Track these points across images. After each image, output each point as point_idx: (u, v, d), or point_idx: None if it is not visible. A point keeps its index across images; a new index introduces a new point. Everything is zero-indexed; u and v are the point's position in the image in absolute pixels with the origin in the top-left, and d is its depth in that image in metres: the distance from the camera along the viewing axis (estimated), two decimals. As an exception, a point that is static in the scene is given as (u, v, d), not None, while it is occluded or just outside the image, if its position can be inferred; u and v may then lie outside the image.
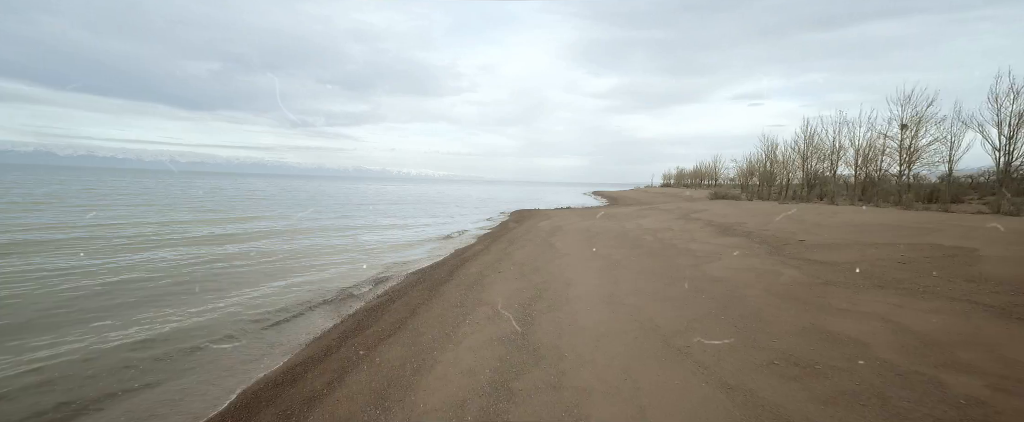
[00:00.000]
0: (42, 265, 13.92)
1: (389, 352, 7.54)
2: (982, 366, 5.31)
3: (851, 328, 6.93)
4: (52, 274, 12.92)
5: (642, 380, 5.87)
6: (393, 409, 5.50)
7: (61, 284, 11.98)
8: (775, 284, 10.00)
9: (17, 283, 11.88)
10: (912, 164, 26.10)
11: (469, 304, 10.25)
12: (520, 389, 5.80)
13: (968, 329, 6.41)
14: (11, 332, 8.52)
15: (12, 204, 32.06)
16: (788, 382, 5.51)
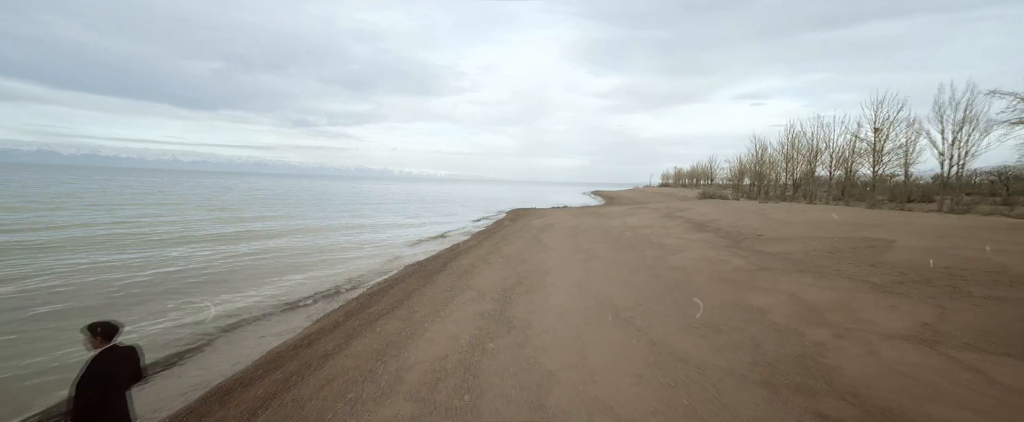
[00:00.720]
0: (103, 260, 15.51)
1: (387, 325, 9.24)
2: (838, 322, 6.99)
3: (762, 301, 8.60)
4: (108, 267, 14.59)
5: (589, 340, 7.54)
6: (389, 361, 7.18)
7: (117, 274, 13.70)
8: (721, 271, 11.66)
9: (84, 274, 13.53)
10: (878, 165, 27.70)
11: (458, 289, 11.93)
12: (492, 348, 7.48)
13: (846, 299, 8.08)
14: (110, 311, 10.22)
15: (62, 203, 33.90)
16: (698, 338, 7.18)
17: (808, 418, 4.68)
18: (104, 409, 3.80)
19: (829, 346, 6.30)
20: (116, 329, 3.97)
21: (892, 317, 7.19)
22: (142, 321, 9.88)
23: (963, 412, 4.48)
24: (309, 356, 7.70)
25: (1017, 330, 6.31)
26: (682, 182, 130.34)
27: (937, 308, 7.37)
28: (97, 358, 3.83)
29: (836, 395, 5.07)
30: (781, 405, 4.96)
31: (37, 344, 8.56)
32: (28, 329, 9.25)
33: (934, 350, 5.93)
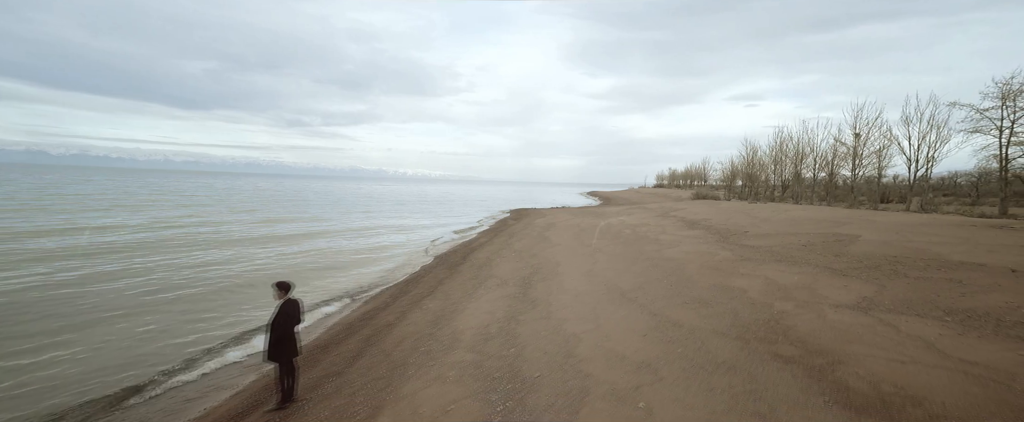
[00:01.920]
0: (186, 260, 16.69)
1: (430, 304, 11.02)
2: (800, 298, 8.86)
3: (742, 283, 10.47)
4: (196, 265, 15.89)
5: (601, 313, 9.36)
6: (443, 327, 8.97)
7: (211, 271, 15.12)
8: (710, 261, 13.53)
9: (181, 271, 14.90)
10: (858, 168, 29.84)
11: (482, 277, 13.73)
12: (523, 319, 9.28)
13: (809, 281, 9.96)
14: (222, 301, 11.72)
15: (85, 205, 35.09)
16: (689, 310, 9.02)
17: (767, 357, 6.53)
18: (285, 340, 5.65)
19: (790, 313, 8.17)
20: (290, 286, 5.82)
21: (842, 293, 9.06)
22: (250, 309, 11.44)
23: (872, 349, 6.34)
24: (376, 325, 9.47)
25: (929, 299, 8.18)
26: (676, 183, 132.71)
27: (877, 286, 9.25)
28: (281, 306, 5.67)
29: (788, 343, 6.92)
30: (749, 350, 6.80)
31: (197, 325, 10.23)
32: (190, 312, 10.87)
33: (866, 314, 7.80)
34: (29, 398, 6.64)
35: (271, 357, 5.75)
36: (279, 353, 5.71)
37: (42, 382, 7.10)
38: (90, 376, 7.34)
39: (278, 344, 5.67)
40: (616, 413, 5.35)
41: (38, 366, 7.58)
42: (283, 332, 5.68)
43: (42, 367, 7.57)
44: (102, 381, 7.21)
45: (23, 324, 9.40)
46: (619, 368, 6.60)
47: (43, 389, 6.88)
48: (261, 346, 9.15)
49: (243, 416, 5.99)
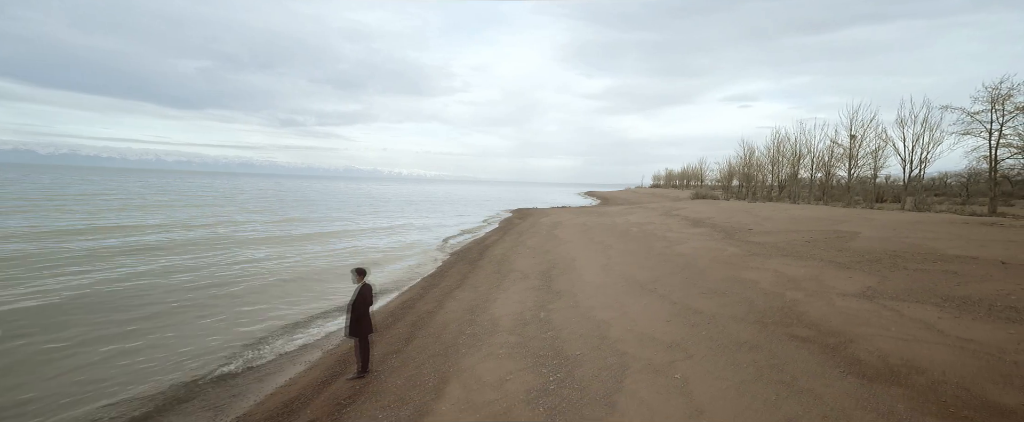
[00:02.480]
0: (226, 259, 16.92)
1: (462, 294, 11.69)
2: (809, 288, 9.62)
3: (753, 275, 11.22)
4: (238, 263, 16.20)
5: (625, 301, 10.07)
6: (480, 315, 9.65)
7: (257, 268, 15.55)
8: (719, 256, 14.29)
9: (230, 268, 15.28)
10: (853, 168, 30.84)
11: (503, 271, 14.41)
12: (552, 307, 9.98)
13: (816, 273, 10.73)
14: (267, 298, 12.16)
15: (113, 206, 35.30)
16: (707, 299, 9.75)
17: (785, 338, 7.26)
18: (362, 319, 6.33)
19: (801, 301, 8.91)
20: (366, 272, 6.51)
21: (847, 283, 9.83)
22: (299, 302, 12.11)
23: (879, 330, 7.09)
24: (417, 312, 10.13)
25: (927, 288, 8.95)
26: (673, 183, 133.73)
27: (879, 277, 10.02)
28: (359, 289, 6.35)
29: (802, 326, 7.67)
30: (768, 332, 7.54)
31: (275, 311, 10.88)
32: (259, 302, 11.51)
33: (871, 301, 8.56)
34: (135, 378, 7.28)
35: (351, 333, 6.46)
36: (358, 330, 6.42)
37: (142, 365, 7.73)
38: (182, 357, 8.04)
39: (357, 322, 6.39)
40: (656, 382, 6.06)
41: (127, 353, 8.21)
42: (361, 312, 6.39)
43: (131, 354, 8.19)
44: (195, 360, 7.89)
45: (104, 316, 10.00)
46: (651, 347, 7.31)
47: (145, 370, 7.51)
48: (320, 330, 9.91)
49: (327, 384, 6.68)
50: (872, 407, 5.11)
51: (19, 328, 9.19)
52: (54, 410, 6.30)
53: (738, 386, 5.83)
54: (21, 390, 6.81)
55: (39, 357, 7.93)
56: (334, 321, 10.45)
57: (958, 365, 5.81)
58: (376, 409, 5.67)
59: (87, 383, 7.06)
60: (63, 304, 10.82)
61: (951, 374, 5.61)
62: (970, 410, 4.89)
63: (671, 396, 5.68)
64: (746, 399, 5.50)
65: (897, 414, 4.95)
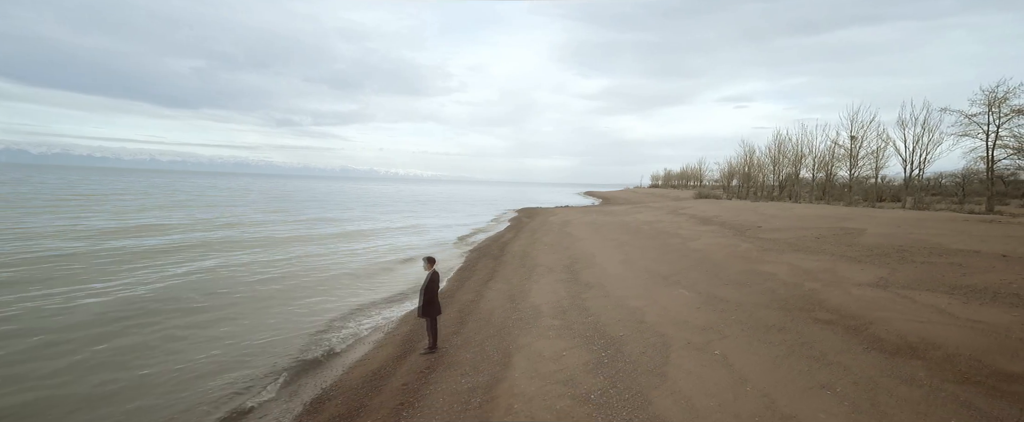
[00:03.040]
0: (267, 258, 17.21)
1: (496, 286, 12.35)
2: (825, 279, 10.33)
3: (770, 268, 11.94)
4: (283, 262, 16.64)
5: (653, 292, 10.76)
6: (521, 303, 10.31)
7: (302, 266, 16.06)
8: (734, 251, 15.00)
9: (284, 266, 15.81)
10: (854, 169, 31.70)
11: (528, 266, 15.07)
12: (586, 296, 10.65)
13: (829, 266, 11.45)
14: (322, 291, 12.78)
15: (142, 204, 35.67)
16: (730, 289, 10.44)
17: (809, 321, 7.96)
18: (433, 301, 7.00)
19: (819, 291, 9.62)
20: (434, 260, 7.17)
21: (860, 275, 10.55)
22: (349, 296, 12.71)
23: (895, 314, 7.80)
24: (460, 302, 10.79)
25: (935, 278, 9.68)
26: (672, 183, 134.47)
27: (890, 269, 10.75)
28: (430, 275, 7.02)
29: (824, 311, 8.37)
30: (792, 317, 8.24)
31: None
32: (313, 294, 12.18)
33: (885, 290, 9.28)
34: (240, 358, 7.97)
35: (423, 313, 7.15)
36: (429, 310, 7.10)
37: (240, 347, 8.42)
38: (270, 340, 8.81)
39: (429, 304, 7.07)
40: (699, 357, 6.74)
41: (224, 338, 8.92)
42: (432, 295, 7.06)
43: (228, 338, 8.89)
44: (281, 343, 8.62)
45: (186, 309, 10.61)
46: (687, 330, 7.99)
47: (247, 351, 8.21)
48: (379, 316, 10.64)
49: (403, 358, 7.36)
50: (896, 375, 5.81)
51: (126, 318, 9.81)
52: (194, 381, 7.05)
53: (773, 360, 6.52)
54: (153, 368, 7.48)
55: (165, 341, 8.62)
56: (389, 309, 11.28)
57: (970, 342, 6.52)
58: (456, 376, 6.34)
59: (206, 362, 7.74)
60: (147, 297, 11.39)
61: (964, 349, 6.31)
62: (983, 377, 5.60)
63: (715, 368, 6.36)
64: (783, 370, 6.19)
65: (919, 380, 5.65)
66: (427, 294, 7.05)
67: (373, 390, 6.26)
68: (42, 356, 7.78)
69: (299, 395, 6.54)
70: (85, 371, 7.25)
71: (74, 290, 11.67)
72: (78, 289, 11.78)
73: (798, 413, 5.10)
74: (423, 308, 7.13)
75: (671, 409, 5.29)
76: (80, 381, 6.93)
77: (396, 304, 11.67)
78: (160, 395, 6.55)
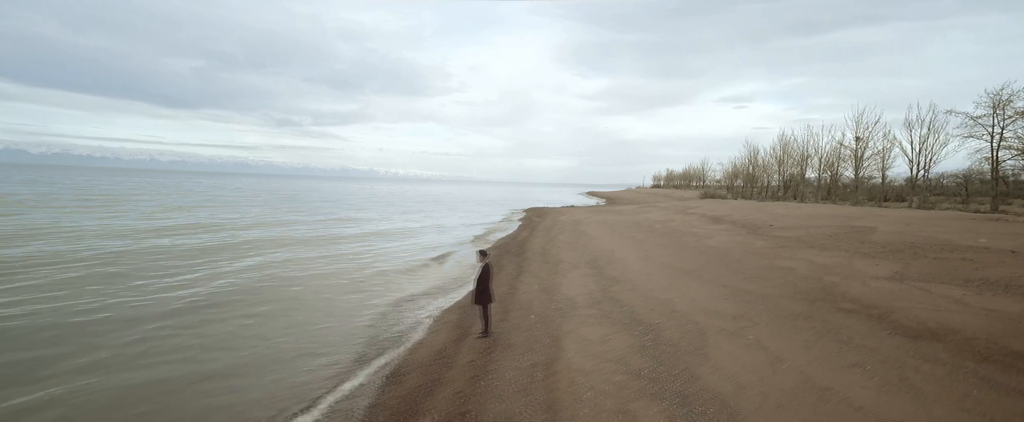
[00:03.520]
0: (320, 255, 17.93)
1: (527, 280, 12.90)
2: (843, 273, 10.89)
3: (788, 264, 12.50)
4: (342, 258, 17.45)
5: (679, 285, 11.31)
6: (554, 295, 10.86)
7: (358, 262, 16.79)
8: (750, 248, 15.57)
9: (336, 263, 16.46)
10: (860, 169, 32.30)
11: (552, 262, 15.62)
12: (615, 289, 11.20)
13: (845, 261, 12.01)
14: (370, 285, 13.38)
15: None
16: (753, 282, 11.00)
17: (833, 310, 8.52)
18: (486, 290, 7.58)
19: (839, 284, 10.18)
20: (487, 254, 7.77)
21: (876, 269, 11.11)
22: (407, 286, 13.41)
23: (913, 303, 8.36)
24: (497, 294, 11.17)
25: (948, 272, 10.23)
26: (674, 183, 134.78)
27: (904, 264, 11.31)
28: (483, 267, 7.61)
29: (846, 302, 8.93)
30: (816, 307, 8.80)
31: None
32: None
33: (901, 283, 9.84)
34: (315, 344, 8.56)
35: (477, 301, 7.76)
36: (482, 298, 7.71)
37: (314, 335, 9.06)
38: (337, 328, 9.49)
39: (482, 293, 7.67)
40: (734, 341, 7.30)
41: (300, 325, 9.59)
42: (485, 284, 7.65)
43: (303, 326, 9.53)
44: (348, 332, 9.25)
45: (254, 302, 11.23)
46: (719, 318, 8.55)
47: (320, 339, 8.84)
48: (430, 305, 11.33)
49: (460, 340, 7.98)
50: (920, 355, 6.37)
51: (202, 309, 10.41)
52: (292, 360, 7.69)
53: (805, 343, 7.08)
54: (251, 350, 8.14)
55: (249, 329, 9.25)
56: (434, 300, 11.98)
57: (986, 327, 7.09)
58: (515, 356, 6.91)
59: (292, 346, 8.36)
60: (215, 291, 11.95)
61: (981, 333, 6.88)
62: (1000, 356, 6.16)
63: (751, 350, 6.92)
64: (814, 352, 6.75)
65: (942, 360, 6.21)
66: (479, 284, 7.64)
67: (444, 366, 6.84)
68: (155, 338, 8.53)
69: (379, 370, 7.20)
70: (199, 351, 8.00)
71: (144, 285, 12.22)
72: (148, 285, 12.32)
73: (833, 386, 5.66)
74: (476, 296, 7.73)
75: (718, 383, 5.85)
76: (197, 359, 7.65)
77: (440, 295, 12.30)
78: (269, 371, 7.25)
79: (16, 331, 8.63)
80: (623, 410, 5.28)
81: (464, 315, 9.66)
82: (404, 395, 5.95)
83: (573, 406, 5.38)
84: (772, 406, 5.27)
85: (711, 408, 5.27)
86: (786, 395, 5.50)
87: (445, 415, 5.28)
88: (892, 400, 5.27)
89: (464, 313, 9.83)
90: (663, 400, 5.50)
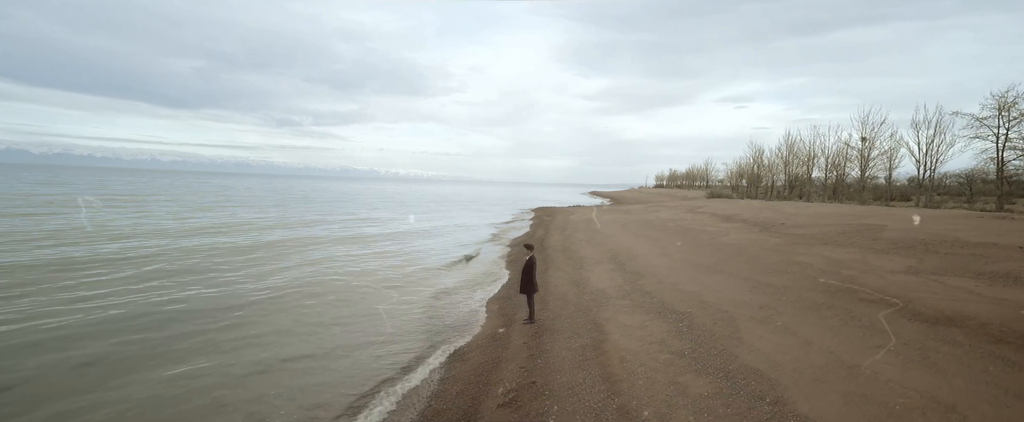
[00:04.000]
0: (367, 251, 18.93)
1: (555, 274, 13.48)
2: (859, 267, 11.46)
3: (805, 259, 13.06)
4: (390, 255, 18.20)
5: (702, 279, 11.88)
6: (584, 288, 11.44)
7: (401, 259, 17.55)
8: (766, 245, 16.12)
9: (373, 260, 17.11)
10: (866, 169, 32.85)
11: (574, 258, 16.20)
12: (641, 283, 11.78)
13: (860, 257, 12.58)
14: (413, 281, 14.02)
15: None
16: (773, 276, 11.57)
17: (853, 300, 9.09)
18: (531, 281, 8.18)
19: (856, 278, 10.75)
20: (533, 247, 8.38)
21: (891, 264, 11.67)
22: (439, 283, 14.04)
23: (929, 294, 8.93)
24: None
25: (960, 266, 10.79)
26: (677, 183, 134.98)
27: (917, 259, 11.87)
28: (529, 258, 8.21)
29: (865, 293, 9.50)
30: (837, 297, 9.36)
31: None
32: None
33: (916, 276, 10.40)
34: (382, 332, 9.19)
35: (523, 290, 8.39)
36: (528, 288, 8.33)
37: (375, 325, 9.71)
38: (397, 318, 10.14)
39: (528, 282, 8.29)
40: (764, 327, 7.87)
41: (367, 315, 10.26)
42: (530, 275, 8.28)
43: (362, 318, 10.17)
44: (405, 318, 10.00)
45: (312, 294, 11.92)
46: (745, 308, 9.12)
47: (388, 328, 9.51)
48: (472, 298, 12.00)
49: (509, 326, 8.62)
50: (939, 338, 6.94)
51: (273, 301, 11.07)
52: (372, 344, 8.39)
53: (830, 328, 7.66)
54: (333, 339, 8.74)
55: (326, 318, 9.92)
56: (474, 291, 12.72)
57: (998, 314, 7.65)
58: (564, 338, 7.51)
59: (368, 332, 9.08)
60: (279, 287, 12.52)
61: (994, 319, 7.45)
62: (1013, 339, 6.73)
63: (781, 334, 7.49)
64: (840, 336, 7.32)
65: (959, 341, 6.78)
66: (525, 274, 8.28)
67: (500, 347, 7.44)
68: (242, 325, 9.23)
69: (444, 350, 7.90)
70: (278, 336, 8.67)
71: (209, 280, 12.88)
72: (212, 279, 12.93)
73: (861, 364, 6.23)
74: (523, 285, 8.36)
75: (756, 361, 6.42)
76: (280, 344, 8.34)
77: (478, 288, 13.00)
78: (350, 353, 7.94)
79: (119, 320, 9.38)
80: (674, 382, 5.86)
81: (504, 304, 10.27)
82: (472, 370, 6.57)
83: (628, 379, 5.97)
84: (808, 380, 5.84)
85: (752, 381, 5.85)
86: (819, 371, 6.08)
87: (515, 384, 5.88)
88: (916, 374, 5.84)
89: (504, 303, 10.45)
90: (708, 374, 6.08)
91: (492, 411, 5.37)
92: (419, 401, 6.07)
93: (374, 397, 6.35)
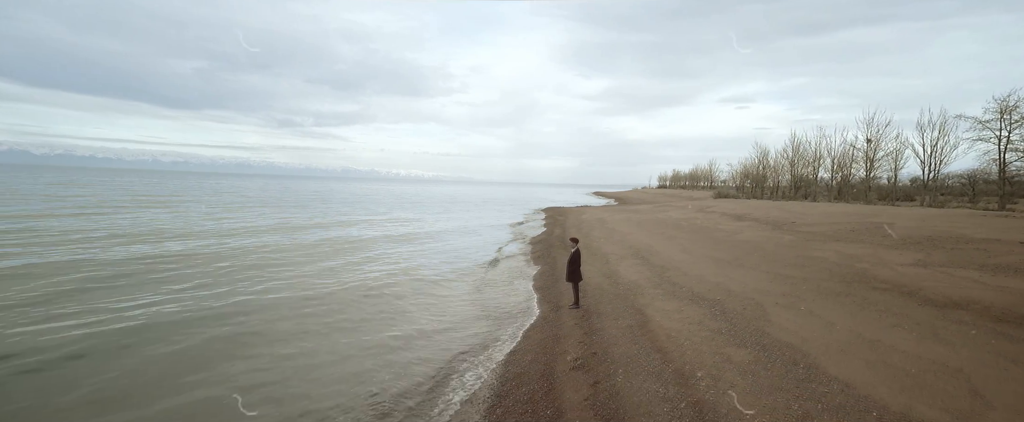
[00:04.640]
0: (406, 250, 19.89)
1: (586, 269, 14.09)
2: (871, 261, 12.34)
3: (819, 254, 13.94)
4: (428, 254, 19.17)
5: (724, 272, 12.77)
6: (617, 279, 12.35)
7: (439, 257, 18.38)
8: (780, 241, 17.00)
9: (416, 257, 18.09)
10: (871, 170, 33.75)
11: (600, 255, 17.08)
12: (668, 276, 12.67)
13: (872, 252, 13.45)
14: (453, 279, 14.92)
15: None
16: (792, 269, 12.45)
17: (868, 289, 9.97)
18: (577, 271, 9.10)
19: (869, 270, 11.63)
20: (578, 240, 9.30)
21: (901, 258, 12.55)
22: (486, 276, 14.92)
23: (938, 283, 9.80)
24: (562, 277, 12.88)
25: (966, 259, 11.66)
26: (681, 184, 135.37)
27: (925, 254, 12.74)
28: (574, 250, 9.14)
29: (878, 282, 10.38)
30: (853, 287, 10.25)
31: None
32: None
33: (925, 268, 11.27)
34: (445, 322, 9.95)
35: (569, 278, 9.33)
36: (574, 276, 9.28)
37: (438, 318, 10.30)
38: (458, 306, 11.00)
39: (574, 272, 9.22)
40: (790, 311, 8.76)
41: (429, 307, 11.04)
42: (576, 266, 9.21)
43: (425, 308, 10.94)
44: (468, 307, 10.82)
45: (378, 292, 12.49)
46: (769, 296, 10.01)
47: (452, 318, 10.21)
48: (520, 288, 12.83)
49: (557, 311, 9.55)
50: (948, 319, 7.83)
51: (331, 298, 11.60)
52: (441, 332, 9.11)
53: (849, 312, 8.55)
54: (404, 329, 9.37)
55: (390, 312, 10.56)
56: (515, 284, 13.50)
57: (1002, 299, 8.53)
58: (610, 321, 8.42)
59: (433, 321, 9.78)
60: (337, 285, 12.99)
61: (998, 303, 8.33)
62: (1015, 319, 7.61)
63: (806, 317, 8.39)
64: (859, 318, 8.21)
65: (966, 321, 7.67)
66: (571, 264, 9.23)
67: (556, 327, 8.37)
68: (320, 315, 9.95)
69: (509, 330, 8.88)
70: (379, 323, 9.51)
71: (264, 276, 13.48)
72: (267, 277, 13.43)
73: (880, 339, 7.12)
74: (570, 274, 9.31)
75: (787, 337, 7.32)
76: (385, 328, 9.19)
77: (520, 280, 13.90)
78: (430, 338, 8.72)
79: (219, 310, 10.04)
80: (718, 352, 6.77)
81: (547, 293, 11.18)
82: (537, 344, 7.49)
83: (677, 350, 6.88)
84: (835, 351, 6.74)
85: (787, 352, 6.75)
86: (843, 344, 6.98)
87: (579, 354, 6.80)
88: (929, 346, 6.74)
89: (546, 292, 11.35)
90: (746, 347, 6.98)
91: (566, 373, 6.29)
92: (499, 368, 7.00)
93: (461, 365, 7.28)
